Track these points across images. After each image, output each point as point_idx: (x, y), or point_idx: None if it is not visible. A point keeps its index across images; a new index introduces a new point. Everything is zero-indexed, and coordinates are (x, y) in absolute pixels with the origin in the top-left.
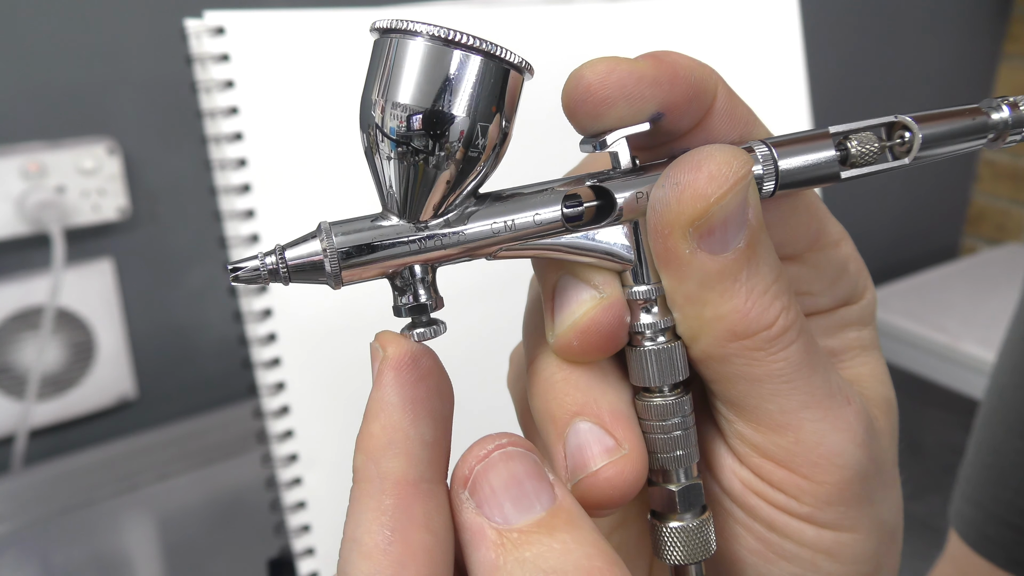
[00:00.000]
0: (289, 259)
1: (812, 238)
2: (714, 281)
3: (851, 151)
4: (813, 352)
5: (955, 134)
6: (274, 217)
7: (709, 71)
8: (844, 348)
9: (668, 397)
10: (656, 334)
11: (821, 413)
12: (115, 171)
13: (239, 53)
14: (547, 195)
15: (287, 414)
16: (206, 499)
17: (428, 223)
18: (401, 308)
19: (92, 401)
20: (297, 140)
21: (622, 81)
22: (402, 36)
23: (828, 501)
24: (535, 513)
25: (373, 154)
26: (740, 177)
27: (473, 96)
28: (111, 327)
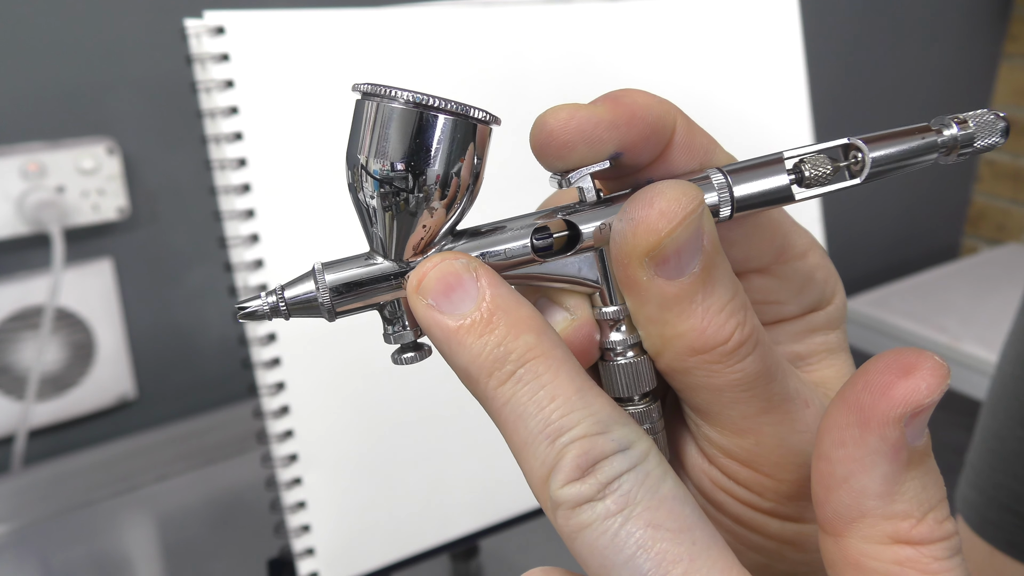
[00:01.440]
0: (288, 298)
1: (777, 251)
2: (672, 303)
3: (805, 174)
4: (770, 361)
5: (905, 154)
6: (274, 217)
7: (666, 107)
8: (811, 352)
9: (638, 406)
10: (625, 349)
11: (779, 417)
12: (115, 171)
13: (239, 53)
14: (518, 230)
15: (287, 414)
16: (206, 499)
17: (410, 261)
18: (390, 336)
19: (92, 401)
20: (297, 140)
21: (581, 126)
22: (380, 100)
23: (788, 496)
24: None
25: (358, 202)
26: (689, 212)
27: (445, 149)
28: (111, 327)
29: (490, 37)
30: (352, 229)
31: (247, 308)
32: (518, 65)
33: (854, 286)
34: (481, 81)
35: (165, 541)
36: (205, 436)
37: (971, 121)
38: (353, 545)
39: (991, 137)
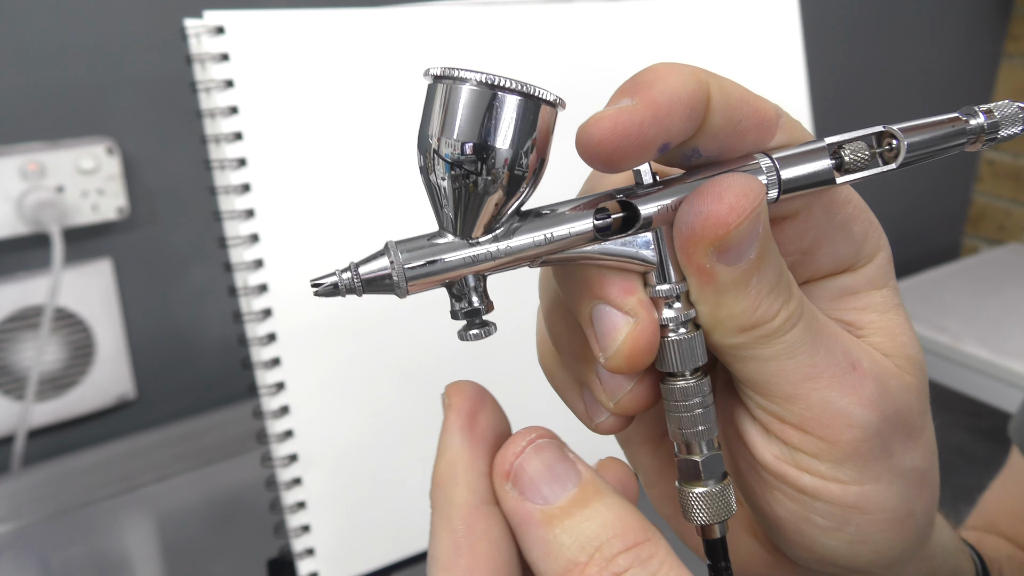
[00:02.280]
0: (363, 274)
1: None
2: (729, 287)
3: (845, 159)
4: (814, 330)
5: (937, 140)
6: (274, 217)
7: (697, 77)
8: (860, 313)
9: (690, 380)
10: (678, 326)
11: (825, 382)
12: (114, 171)
13: (239, 53)
14: (580, 210)
15: (287, 414)
16: (206, 499)
17: (479, 239)
18: (458, 312)
19: (91, 401)
20: (297, 139)
21: (627, 132)
22: (453, 82)
23: (845, 457)
24: (568, 491)
25: (430, 181)
26: (756, 206)
27: (514, 130)
28: (110, 327)
29: (490, 37)
30: (352, 229)
31: (323, 283)
32: (518, 65)
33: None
34: None
35: (165, 541)
36: (205, 436)
37: (996, 111)
38: (353, 545)
39: (1015, 127)
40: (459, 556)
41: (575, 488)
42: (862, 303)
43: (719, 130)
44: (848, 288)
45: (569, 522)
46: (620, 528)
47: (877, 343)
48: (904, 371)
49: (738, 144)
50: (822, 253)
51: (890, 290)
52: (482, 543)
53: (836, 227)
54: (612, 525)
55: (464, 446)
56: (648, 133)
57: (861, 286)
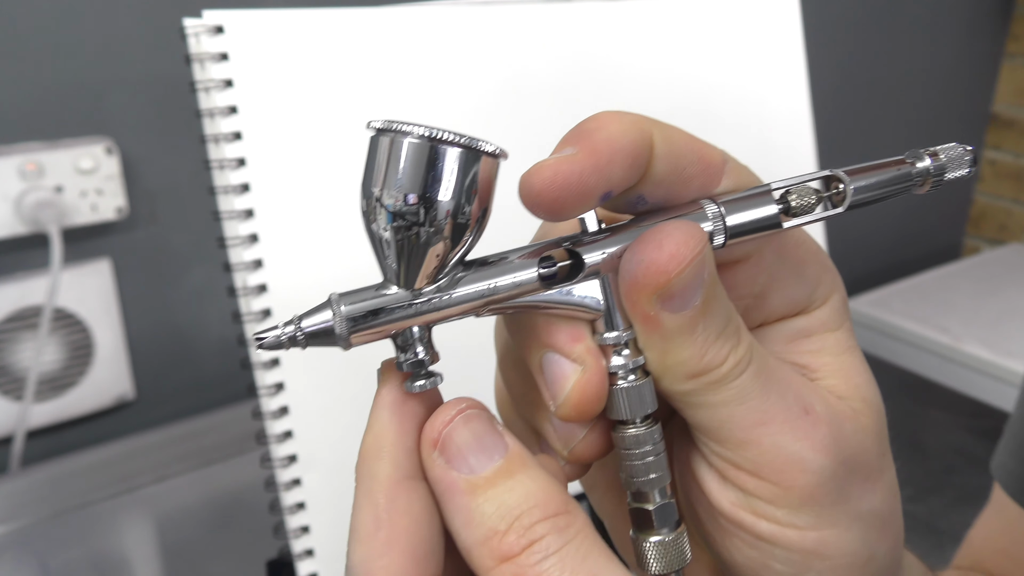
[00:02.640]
0: (305, 327)
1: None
2: (675, 334)
3: (791, 204)
4: (765, 375)
5: (884, 184)
6: (273, 217)
7: (640, 126)
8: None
9: (640, 428)
10: (627, 373)
11: (777, 427)
12: (113, 171)
13: (238, 52)
14: (525, 259)
15: (286, 415)
16: (205, 500)
17: (422, 290)
18: (403, 364)
19: (90, 402)
20: (296, 139)
21: (567, 182)
22: (394, 135)
23: (800, 503)
24: (495, 462)
25: (372, 234)
26: (696, 253)
27: (456, 182)
28: (109, 327)
29: (490, 37)
30: (351, 229)
31: (265, 338)
32: (518, 65)
33: (855, 287)
34: (481, 81)
35: (164, 542)
36: (204, 437)
37: (942, 154)
38: None
39: (960, 169)
40: (378, 530)
41: (501, 459)
42: (816, 346)
43: (663, 177)
44: (802, 331)
45: (492, 492)
46: (541, 499)
47: (832, 386)
48: (860, 414)
49: (684, 191)
50: (775, 296)
51: (845, 332)
52: (402, 518)
53: (788, 270)
54: (534, 495)
55: (392, 420)
56: (589, 182)
57: (815, 328)
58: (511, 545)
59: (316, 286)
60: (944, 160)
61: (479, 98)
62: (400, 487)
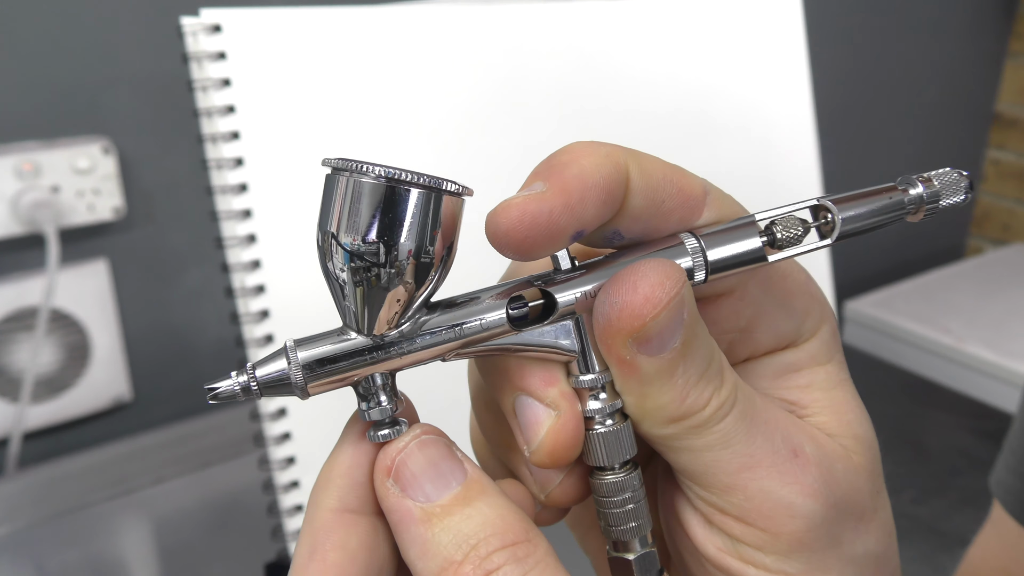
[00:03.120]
0: (259, 376)
1: (748, 273)
2: (653, 378)
3: (776, 235)
4: (750, 417)
5: (875, 212)
6: (271, 217)
7: (615, 159)
8: (804, 391)
9: (619, 474)
10: (604, 418)
11: (764, 472)
12: (110, 171)
13: (236, 51)
14: (494, 299)
15: (284, 416)
16: (202, 502)
17: (384, 336)
18: (365, 413)
19: (87, 403)
20: (295, 139)
21: (535, 221)
22: (351, 175)
23: (790, 550)
24: (452, 489)
25: (329, 275)
26: (673, 295)
27: (417, 223)
28: (106, 328)
29: (489, 36)
30: None
31: (217, 389)
32: (517, 64)
33: (857, 287)
34: (479, 80)
35: (161, 545)
36: (202, 438)
37: (936, 180)
38: None
39: (956, 195)
40: (311, 561)
41: (459, 487)
42: (805, 380)
43: (640, 212)
44: (790, 365)
45: (449, 520)
46: (499, 526)
47: (822, 423)
48: (852, 452)
49: (662, 224)
50: (761, 330)
51: (835, 365)
52: (335, 552)
53: (775, 303)
54: (492, 524)
55: (347, 452)
56: (559, 222)
57: (804, 363)
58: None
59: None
60: (938, 187)
61: (477, 97)
62: (338, 520)
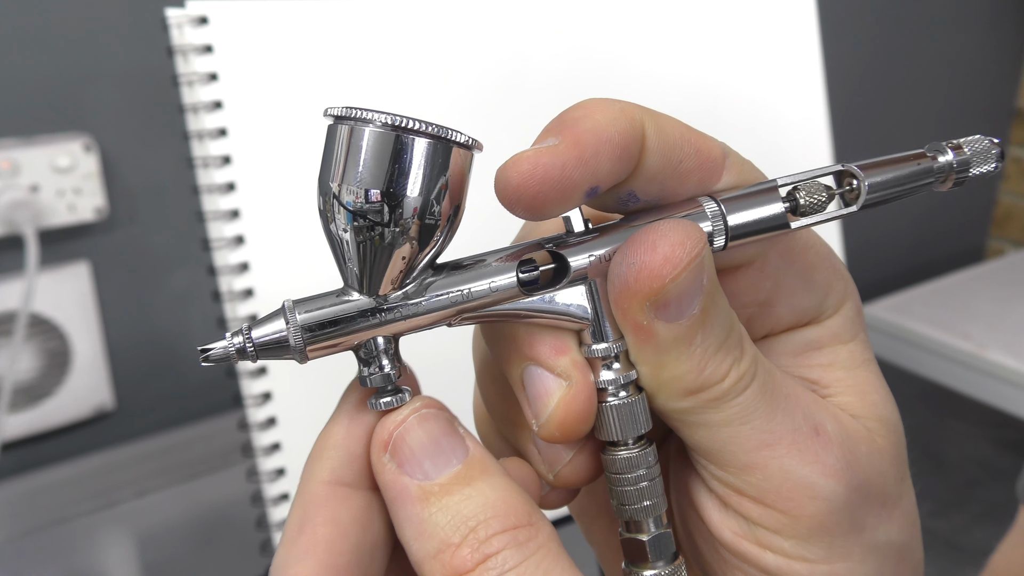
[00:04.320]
0: (256, 338)
1: (768, 242)
2: (670, 346)
3: (800, 201)
4: (770, 391)
5: (901, 180)
6: (260, 217)
7: (630, 115)
8: (825, 370)
9: (632, 450)
10: (618, 389)
11: (784, 449)
12: (92, 169)
13: (223, 44)
14: (503, 262)
15: (274, 426)
16: (188, 516)
17: (388, 296)
18: (367, 379)
19: (67, 412)
20: (284, 136)
21: (547, 175)
22: (355, 123)
23: (810, 534)
24: (452, 467)
25: (330, 234)
26: (693, 256)
27: (423, 176)
28: (88, 334)
29: (489, 29)
30: None
31: (211, 351)
32: (518, 57)
33: (873, 290)
34: (479, 74)
35: (145, 560)
36: (187, 449)
37: (966, 147)
38: None
39: (987, 164)
40: (300, 535)
41: (460, 464)
42: (827, 359)
43: (656, 172)
44: (812, 342)
45: (447, 500)
46: (501, 509)
47: (845, 403)
48: (875, 434)
49: (680, 187)
50: (781, 305)
51: (859, 343)
52: (326, 526)
53: (796, 276)
54: (493, 505)
55: (342, 423)
56: (572, 176)
57: (826, 340)
58: (464, 559)
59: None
60: (968, 154)
61: (476, 94)
62: (331, 493)
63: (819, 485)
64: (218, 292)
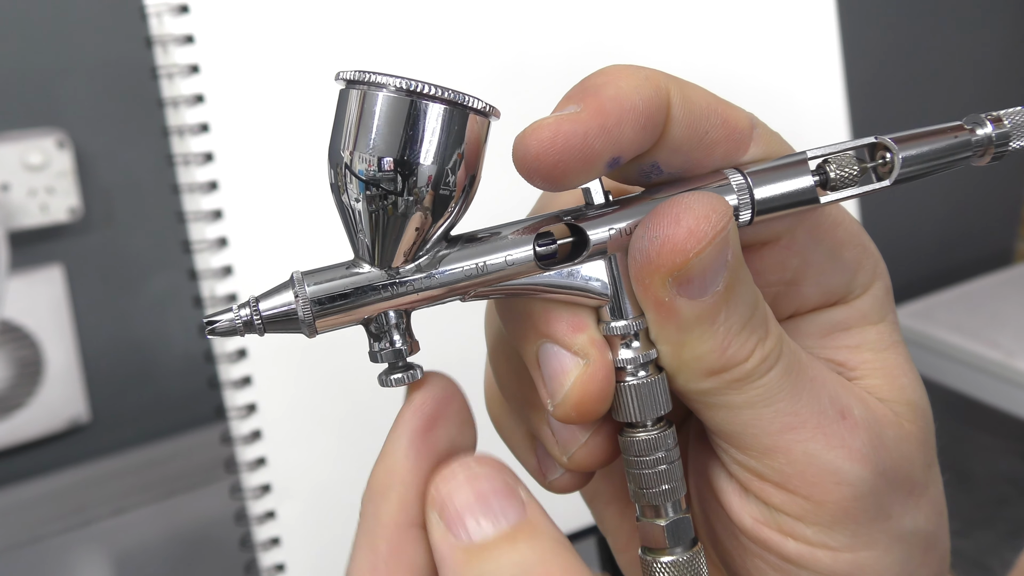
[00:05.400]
0: (263, 311)
1: (796, 217)
2: (692, 324)
3: (830, 175)
4: (796, 372)
5: (937, 153)
6: (244, 218)
7: (655, 83)
8: (853, 352)
9: (651, 431)
10: (637, 368)
11: (809, 433)
12: (65, 167)
13: (205, 34)
14: (519, 235)
15: (259, 440)
16: (168, 535)
17: (400, 269)
18: (377, 354)
19: (40, 425)
20: (270, 132)
21: (569, 143)
22: (367, 88)
23: (834, 521)
24: (499, 527)
25: (342, 205)
26: (719, 230)
27: (439, 143)
28: (61, 342)
29: (488, 19)
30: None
31: (216, 323)
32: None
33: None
34: (478, 67)
35: None
36: (167, 464)
37: (1006, 119)
38: None
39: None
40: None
41: (508, 526)
42: (855, 340)
43: (682, 143)
44: (839, 323)
45: (487, 562)
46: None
47: (872, 386)
48: (903, 419)
49: (705, 158)
50: (808, 283)
51: (888, 325)
52: (402, 571)
53: (824, 253)
54: (532, 570)
55: (408, 456)
56: (594, 145)
57: (854, 321)
58: None
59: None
60: (1008, 126)
61: (475, 86)
62: (405, 535)
63: (844, 470)
64: (199, 297)
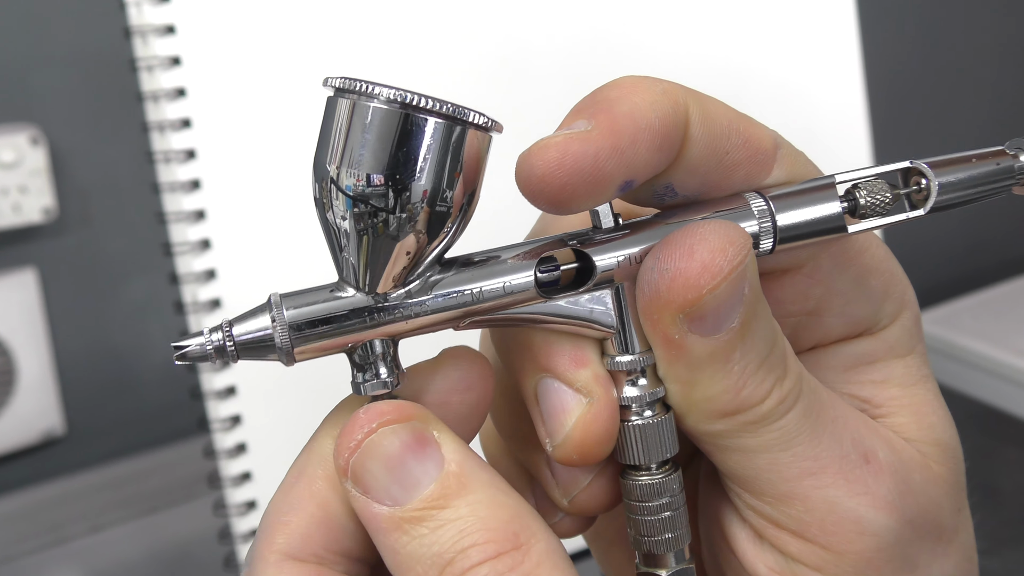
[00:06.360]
0: (237, 335)
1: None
2: (704, 363)
3: (860, 201)
4: (816, 414)
5: (977, 180)
6: (227, 218)
7: (673, 98)
8: (879, 387)
9: (656, 475)
10: (643, 407)
11: (829, 478)
12: (39, 165)
13: (187, 24)
14: (520, 259)
15: (244, 453)
16: (148, 554)
17: (388, 295)
18: (360, 386)
19: (11, 438)
20: (255, 128)
21: (577, 165)
22: (358, 97)
23: (856, 572)
24: (423, 488)
25: (327, 223)
26: (736, 265)
27: (434, 160)
28: (34, 350)
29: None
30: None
31: (185, 348)
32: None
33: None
34: (473, 61)
35: None
36: (147, 479)
37: None
38: None
39: None
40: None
41: (432, 484)
42: (881, 375)
43: (699, 164)
44: (864, 356)
45: (420, 528)
46: (482, 535)
47: (899, 425)
48: (932, 460)
49: (724, 181)
50: (832, 314)
51: (916, 357)
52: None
53: (849, 282)
54: (473, 530)
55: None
56: (605, 168)
57: (880, 354)
58: None
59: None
60: None
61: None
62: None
63: (868, 519)
64: (181, 303)
